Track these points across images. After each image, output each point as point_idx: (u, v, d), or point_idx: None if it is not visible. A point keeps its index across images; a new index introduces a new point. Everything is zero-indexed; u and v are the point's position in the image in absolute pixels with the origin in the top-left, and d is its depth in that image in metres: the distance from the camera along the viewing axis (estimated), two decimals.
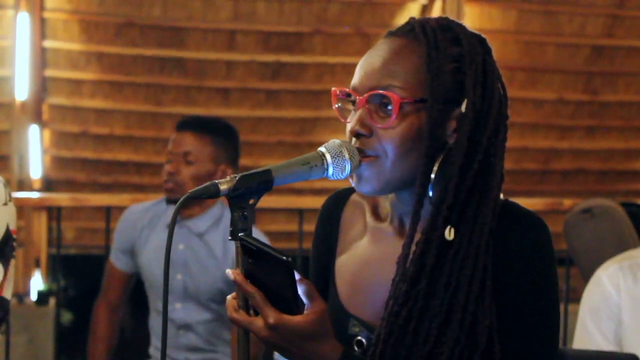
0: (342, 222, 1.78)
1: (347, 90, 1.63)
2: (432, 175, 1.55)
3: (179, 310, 3.40)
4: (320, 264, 1.80)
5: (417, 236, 1.56)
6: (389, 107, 1.55)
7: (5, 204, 2.00)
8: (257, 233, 3.44)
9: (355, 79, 1.62)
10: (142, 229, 3.52)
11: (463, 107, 1.56)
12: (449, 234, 1.54)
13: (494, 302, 1.54)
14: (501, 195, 1.59)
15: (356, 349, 1.63)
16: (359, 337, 1.64)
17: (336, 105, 1.67)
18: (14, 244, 2.02)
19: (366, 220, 1.73)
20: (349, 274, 1.71)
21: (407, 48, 1.59)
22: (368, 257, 1.69)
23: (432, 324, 1.52)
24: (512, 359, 1.53)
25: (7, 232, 1.99)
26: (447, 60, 1.56)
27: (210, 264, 3.37)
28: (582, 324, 2.71)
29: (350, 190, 1.79)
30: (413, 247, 1.56)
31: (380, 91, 1.56)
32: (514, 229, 1.56)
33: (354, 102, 1.63)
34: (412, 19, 1.65)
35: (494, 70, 1.61)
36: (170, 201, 3.45)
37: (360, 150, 1.58)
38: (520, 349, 1.54)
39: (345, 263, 1.73)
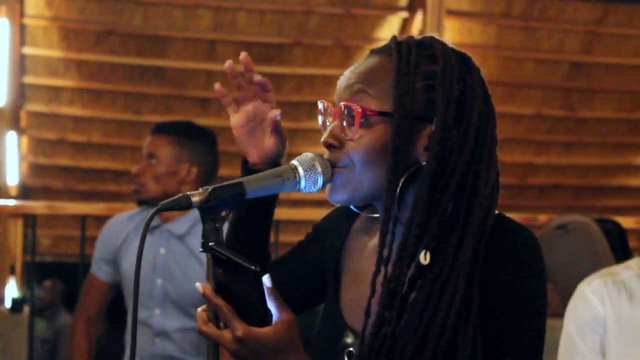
0: (352, 232, 1.77)
1: (327, 103, 1.64)
2: (397, 192, 1.55)
3: (158, 316, 3.37)
4: (310, 257, 1.78)
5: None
6: (354, 117, 1.56)
7: None
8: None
9: (335, 96, 1.63)
10: (124, 238, 3.51)
11: (434, 126, 1.55)
12: (424, 258, 1.53)
13: (481, 326, 1.53)
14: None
15: (346, 359, 1.63)
16: (351, 349, 1.63)
17: (320, 119, 1.67)
18: None
19: (371, 237, 1.73)
20: (352, 285, 1.71)
21: (381, 64, 1.59)
22: (363, 271, 1.69)
23: (406, 348, 1.51)
24: None
25: None
26: (419, 77, 1.56)
27: (191, 268, 3.36)
28: (568, 337, 2.72)
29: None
30: (390, 268, 1.55)
31: (348, 103, 1.57)
32: (505, 244, 1.56)
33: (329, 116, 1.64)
34: (393, 38, 1.64)
35: (474, 90, 1.58)
36: (140, 202, 3.50)
37: (332, 163, 1.58)
38: (504, 356, 1.54)
39: (352, 278, 1.72)
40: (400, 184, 1.55)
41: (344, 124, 1.58)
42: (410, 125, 1.54)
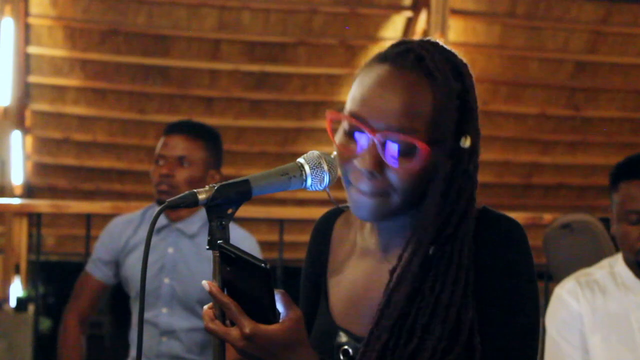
0: (333, 240, 1.79)
1: (351, 119, 1.57)
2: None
3: (165, 315, 3.38)
4: (312, 281, 1.80)
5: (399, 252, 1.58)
6: (407, 150, 1.53)
7: None
8: (251, 239, 3.45)
9: (360, 108, 1.56)
10: (127, 240, 3.51)
11: (464, 142, 1.56)
12: (431, 251, 1.55)
13: (475, 300, 1.55)
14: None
15: (341, 357, 1.64)
16: (346, 347, 1.64)
17: (331, 126, 1.62)
18: None
19: (355, 238, 1.74)
20: (341, 290, 1.72)
21: (419, 86, 1.55)
22: (356, 275, 1.70)
23: (417, 324, 1.53)
24: (492, 354, 1.54)
25: None
26: (454, 97, 1.56)
27: (199, 267, 3.36)
28: (551, 339, 2.82)
29: (341, 209, 1.79)
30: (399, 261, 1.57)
31: (402, 136, 1.52)
32: (490, 232, 1.58)
33: (353, 129, 1.58)
34: (410, 46, 1.60)
35: (476, 98, 1.61)
36: (161, 203, 3.45)
37: (367, 185, 1.57)
38: (500, 343, 1.55)
39: (337, 280, 1.74)
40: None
41: (388, 151, 1.55)
42: (452, 147, 1.56)
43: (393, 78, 1.56)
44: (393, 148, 1.54)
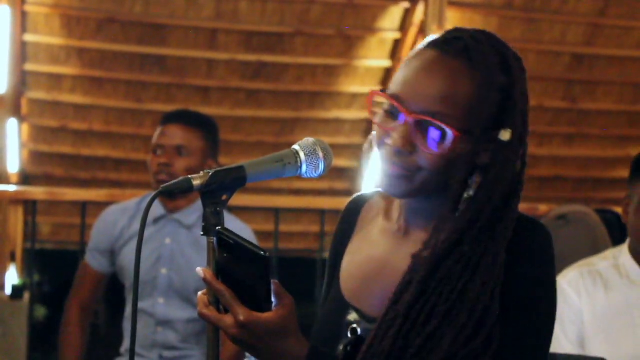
0: (359, 223, 1.80)
1: (390, 98, 1.60)
2: (471, 193, 1.58)
3: (162, 306, 3.39)
4: (333, 262, 1.81)
5: (421, 236, 1.59)
6: (438, 134, 1.55)
7: None
8: (247, 230, 3.45)
9: (401, 89, 1.59)
10: (122, 229, 3.51)
11: (503, 135, 1.57)
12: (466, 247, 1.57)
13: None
14: None
15: (349, 335, 1.64)
16: (354, 325, 1.65)
17: (372, 106, 1.64)
18: None
19: (379, 221, 1.75)
20: (353, 267, 1.74)
21: (460, 73, 1.58)
22: (373, 253, 1.72)
23: (437, 309, 1.53)
24: (507, 350, 1.55)
25: None
26: (496, 91, 1.58)
27: (196, 258, 3.37)
28: None
29: (371, 194, 1.81)
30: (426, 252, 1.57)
31: (434, 120, 1.55)
32: (520, 237, 1.59)
33: (393, 110, 1.61)
34: (462, 35, 1.62)
35: (528, 96, 1.65)
36: (167, 209, 3.46)
37: (396, 164, 1.58)
38: (515, 344, 1.55)
39: (352, 258, 1.76)
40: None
41: (419, 133, 1.57)
42: (483, 138, 1.56)
43: (436, 63, 1.58)
44: (424, 130, 1.56)
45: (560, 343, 2.76)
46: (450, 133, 1.54)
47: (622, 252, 2.84)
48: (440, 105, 1.55)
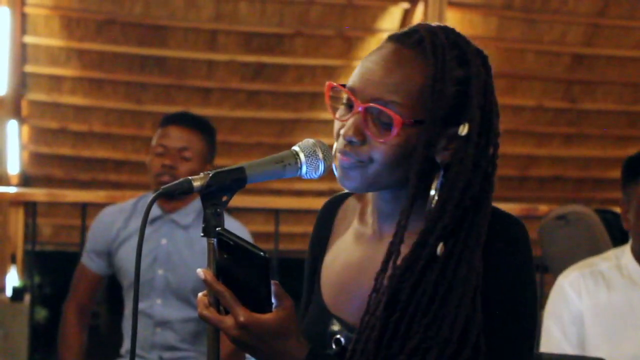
0: (335, 224, 1.80)
1: (344, 89, 1.61)
2: (432, 193, 1.56)
3: (159, 306, 3.39)
4: (312, 267, 1.81)
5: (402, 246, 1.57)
6: (387, 122, 1.54)
7: None
8: (243, 231, 3.45)
9: (355, 80, 1.60)
10: (118, 230, 3.51)
11: (461, 130, 1.56)
12: (440, 250, 1.54)
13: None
14: None
15: (334, 347, 1.64)
16: (338, 336, 1.64)
17: (329, 100, 1.65)
18: None
19: (354, 225, 1.74)
20: (332, 274, 1.73)
21: (413, 63, 1.57)
22: (350, 260, 1.70)
23: (417, 320, 1.52)
24: (492, 353, 1.54)
25: None
26: (451, 83, 1.56)
27: (193, 258, 3.37)
28: (547, 330, 2.78)
29: (347, 194, 1.80)
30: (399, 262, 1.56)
31: (382, 107, 1.54)
32: (495, 233, 1.58)
33: (349, 102, 1.61)
34: (420, 28, 1.62)
35: (493, 91, 1.61)
36: (163, 210, 3.45)
37: (348, 154, 1.57)
38: (500, 343, 1.55)
39: (330, 264, 1.75)
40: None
41: (370, 122, 1.57)
42: (438, 130, 1.55)
43: (391, 54, 1.59)
44: (375, 119, 1.56)
45: (559, 344, 2.75)
46: (398, 119, 1.53)
47: (624, 253, 2.83)
48: (393, 94, 1.54)
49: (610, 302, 2.75)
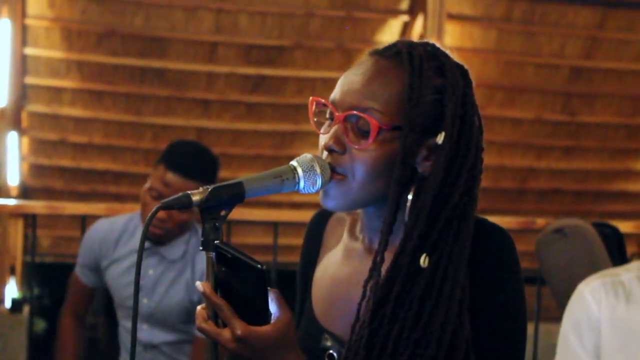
0: (324, 238, 1.80)
1: (325, 102, 1.64)
2: (408, 204, 1.57)
3: (145, 331, 3.40)
4: (304, 281, 1.81)
5: (385, 254, 1.58)
6: (366, 130, 1.56)
7: None
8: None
9: (336, 93, 1.62)
10: (109, 246, 3.49)
11: (439, 138, 1.57)
12: (424, 261, 1.55)
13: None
14: None
15: None
16: (331, 351, 1.65)
17: (313, 116, 1.67)
18: None
19: (344, 239, 1.75)
20: (323, 289, 1.73)
21: (391, 72, 1.59)
22: (340, 274, 1.71)
23: (405, 336, 1.52)
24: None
25: None
26: (429, 91, 1.57)
27: (177, 290, 3.36)
28: (564, 338, 2.75)
29: None
30: (383, 271, 1.56)
31: (360, 113, 1.56)
32: (482, 245, 1.58)
33: (331, 116, 1.63)
34: (399, 42, 1.65)
35: (473, 103, 1.62)
36: (150, 239, 3.36)
37: (331, 167, 1.59)
38: (489, 357, 1.55)
39: (321, 278, 1.75)
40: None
41: (350, 130, 1.59)
42: (417, 138, 1.56)
43: (369, 65, 1.62)
44: (354, 127, 1.57)
45: (575, 353, 2.73)
46: (375, 124, 1.54)
47: None
48: (371, 100, 1.56)
49: (628, 315, 2.73)
